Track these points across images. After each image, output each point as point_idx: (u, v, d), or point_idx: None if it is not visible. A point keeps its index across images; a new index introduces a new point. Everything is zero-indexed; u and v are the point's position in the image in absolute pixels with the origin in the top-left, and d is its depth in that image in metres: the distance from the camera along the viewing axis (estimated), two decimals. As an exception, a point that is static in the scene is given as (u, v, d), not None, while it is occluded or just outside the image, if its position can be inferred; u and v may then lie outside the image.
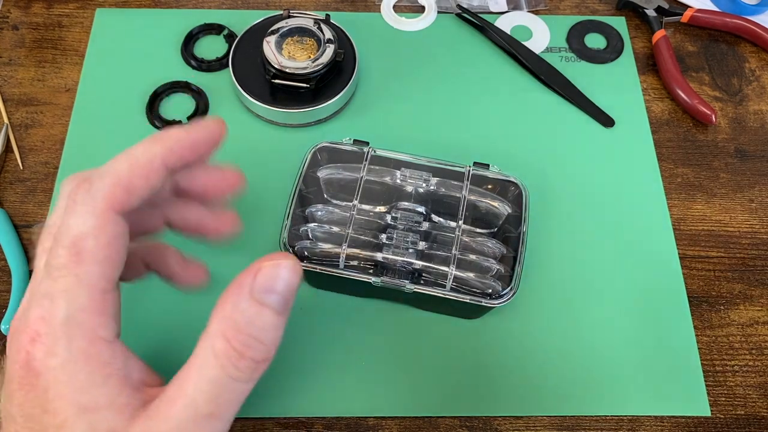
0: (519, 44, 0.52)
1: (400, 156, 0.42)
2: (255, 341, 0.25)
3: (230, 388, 0.25)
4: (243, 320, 0.25)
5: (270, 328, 0.25)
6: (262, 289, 0.26)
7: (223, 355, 0.25)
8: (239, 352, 0.25)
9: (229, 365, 0.25)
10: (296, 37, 0.47)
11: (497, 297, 0.38)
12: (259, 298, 0.25)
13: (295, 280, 0.26)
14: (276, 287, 0.26)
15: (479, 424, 0.39)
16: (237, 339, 0.25)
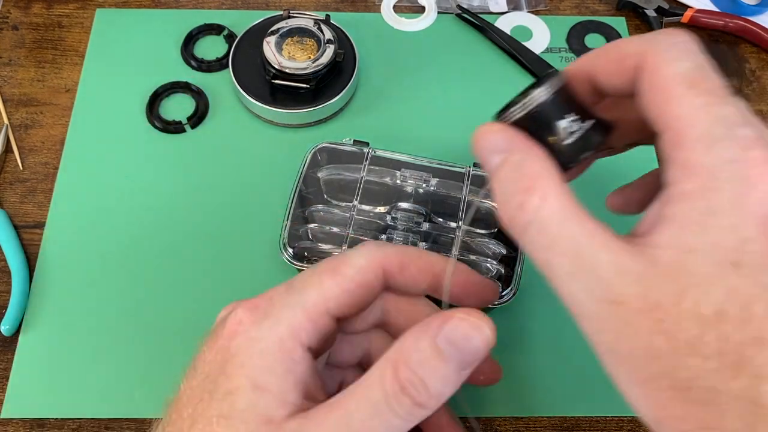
0: (519, 44, 0.52)
1: (400, 156, 0.42)
2: (420, 382, 0.24)
3: (387, 418, 0.24)
4: (416, 358, 0.25)
5: (438, 378, 0.24)
6: (445, 340, 0.25)
7: (389, 383, 0.25)
8: (402, 386, 0.24)
9: (391, 394, 0.24)
10: (296, 37, 0.47)
11: (497, 297, 0.38)
12: (439, 346, 0.25)
13: (480, 344, 0.25)
14: (456, 342, 0.25)
15: (479, 424, 0.38)
16: (403, 373, 0.24)
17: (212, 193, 0.45)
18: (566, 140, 0.24)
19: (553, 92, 0.25)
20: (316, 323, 0.26)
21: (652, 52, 0.23)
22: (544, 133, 0.25)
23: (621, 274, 0.21)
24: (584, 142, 0.25)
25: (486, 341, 0.25)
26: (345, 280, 0.27)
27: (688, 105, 0.22)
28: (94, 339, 0.40)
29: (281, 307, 0.27)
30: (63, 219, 0.44)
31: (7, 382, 0.38)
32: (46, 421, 0.38)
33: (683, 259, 0.21)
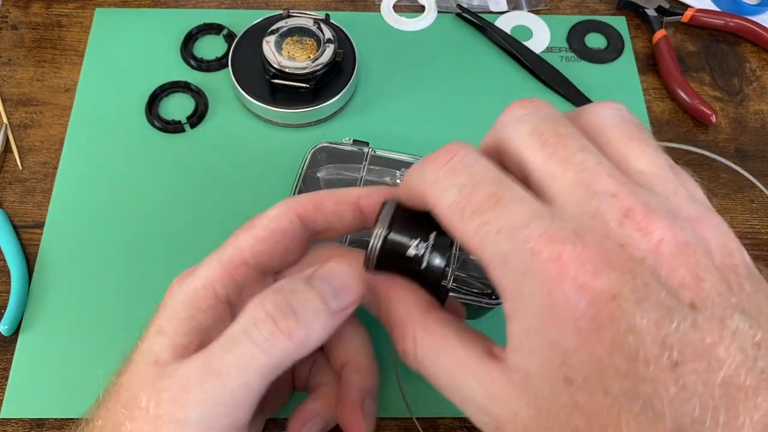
0: (519, 44, 0.52)
1: (400, 156, 0.41)
2: (287, 306, 0.24)
3: (241, 348, 0.24)
4: (287, 287, 0.25)
5: (308, 307, 0.25)
6: (318, 276, 0.26)
7: (249, 311, 0.25)
8: (266, 312, 0.24)
9: (251, 322, 0.24)
10: (296, 36, 0.47)
11: (497, 297, 0.38)
12: (313, 282, 0.25)
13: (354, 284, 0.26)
14: (331, 280, 0.25)
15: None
16: (270, 299, 0.25)
17: (212, 192, 0.45)
18: (423, 264, 0.25)
19: (386, 231, 0.26)
20: (233, 274, 0.27)
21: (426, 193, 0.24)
22: (405, 266, 0.26)
23: (492, 399, 0.22)
24: (438, 254, 0.26)
25: (359, 281, 0.26)
26: (258, 230, 0.28)
27: (466, 233, 0.22)
28: (93, 338, 0.40)
29: (201, 266, 0.28)
30: (62, 219, 0.43)
31: (7, 382, 0.38)
32: (45, 421, 0.38)
33: (527, 383, 0.20)
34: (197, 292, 0.27)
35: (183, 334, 0.26)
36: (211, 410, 0.24)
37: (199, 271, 0.28)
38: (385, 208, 0.27)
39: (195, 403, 0.24)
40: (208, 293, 0.27)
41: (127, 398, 0.25)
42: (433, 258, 0.26)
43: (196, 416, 0.24)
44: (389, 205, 0.27)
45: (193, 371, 0.25)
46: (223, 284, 0.27)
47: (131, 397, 0.25)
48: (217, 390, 0.24)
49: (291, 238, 0.29)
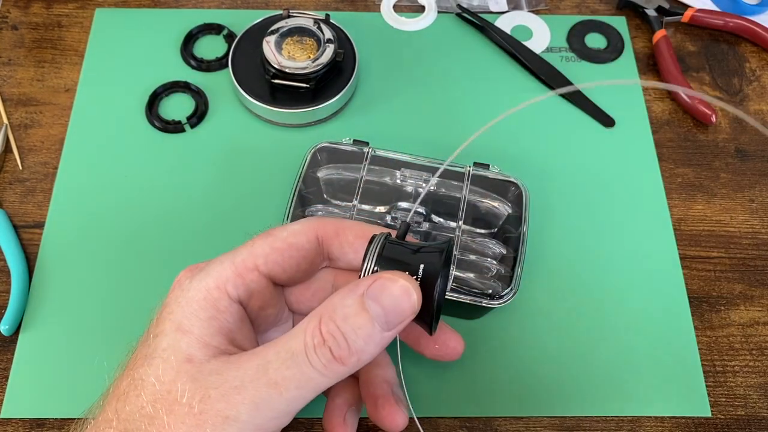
0: (519, 44, 0.52)
1: (400, 156, 0.41)
2: (340, 336, 0.25)
3: (302, 369, 0.25)
4: (341, 312, 0.26)
5: (360, 334, 0.25)
6: (370, 295, 0.26)
7: (309, 334, 0.25)
8: (323, 338, 0.25)
9: (311, 346, 0.25)
10: (296, 37, 0.47)
11: (497, 298, 0.38)
12: (365, 302, 0.26)
13: (407, 304, 0.26)
14: (383, 300, 0.26)
15: (479, 424, 0.38)
16: (326, 325, 0.25)
17: (212, 192, 0.45)
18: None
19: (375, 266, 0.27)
20: (244, 277, 0.28)
21: None
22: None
23: None
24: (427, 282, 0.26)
25: (411, 302, 0.26)
26: (276, 240, 0.29)
27: None
28: (93, 338, 0.40)
29: (214, 264, 0.28)
30: (62, 219, 0.43)
31: (7, 382, 0.38)
32: (45, 421, 0.38)
33: None
34: (211, 292, 0.27)
35: (211, 335, 0.27)
36: (262, 414, 0.25)
37: (211, 268, 0.28)
38: (373, 243, 0.27)
39: (247, 405, 0.25)
40: (222, 294, 0.28)
41: (158, 392, 0.25)
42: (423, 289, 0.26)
43: (247, 416, 0.25)
44: (377, 238, 0.27)
45: (248, 375, 0.25)
46: (235, 286, 0.28)
47: (164, 392, 0.25)
48: (273, 397, 0.25)
49: (305, 256, 0.29)
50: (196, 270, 0.29)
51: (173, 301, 0.28)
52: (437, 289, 0.27)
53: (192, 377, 0.25)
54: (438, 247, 0.28)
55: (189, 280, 0.28)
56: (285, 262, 0.29)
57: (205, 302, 0.27)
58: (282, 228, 0.30)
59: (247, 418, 0.25)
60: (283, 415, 0.26)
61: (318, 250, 0.30)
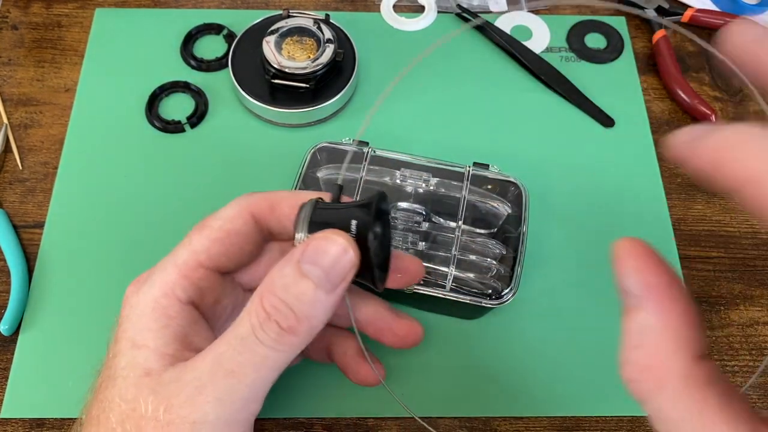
0: (519, 44, 0.52)
1: (400, 156, 0.41)
2: (284, 307, 0.25)
3: (254, 349, 0.25)
4: (280, 284, 0.25)
5: (305, 300, 0.25)
6: (306, 260, 0.25)
7: (254, 314, 0.25)
8: (267, 313, 0.25)
9: (257, 324, 0.25)
10: (296, 37, 0.47)
11: (497, 297, 0.38)
12: (302, 268, 0.25)
13: (344, 260, 0.25)
14: (320, 261, 0.25)
15: (479, 424, 0.38)
16: (268, 300, 0.25)
17: (212, 192, 0.45)
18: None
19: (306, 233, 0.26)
20: (190, 278, 0.28)
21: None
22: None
23: None
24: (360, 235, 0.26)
25: (348, 256, 0.25)
26: (212, 231, 0.28)
27: None
28: (93, 338, 0.39)
29: (157, 272, 0.28)
30: (62, 219, 0.43)
31: (7, 382, 0.38)
32: (45, 420, 0.38)
33: None
34: (159, 301, 0.27)
35: (165, 344, 0.26)
36: (228, 407, 0.25)
37: (155, 277, 0.28)
38: (302, 211, 0.27)
39: (211, 403, 0.25)
40: (171, 300, 0.27)
41: (125, 412, 0.25)
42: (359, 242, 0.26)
43: (214, 415, 0.25)
44: (307, 206, 0.27)
45: (205, 373, 0.25)
46: (183, 288, 0.28)
47: (130, 411, 0.25)
48: (234, 387, 0.25)
49: (245, 239, 0.29)
50: (141, 282, 0.28)
51: (125, 319, 0.27)
52: (371, 241, 0.26)
53: (152, 390, 0.25)
54: (366, 200, 0.27)
55: (135, 295, 0.28)
56: (227, 250, 0.28)
57: (155, 313, 0.27)
58: (214, 216, 0.29)
59: (214, 417, 0.24)
60: (250, 403, 0.25)
61: (256, 228, 0.29)
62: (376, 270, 0.27)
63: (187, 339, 0.27)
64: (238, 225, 0.29)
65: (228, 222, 0.29)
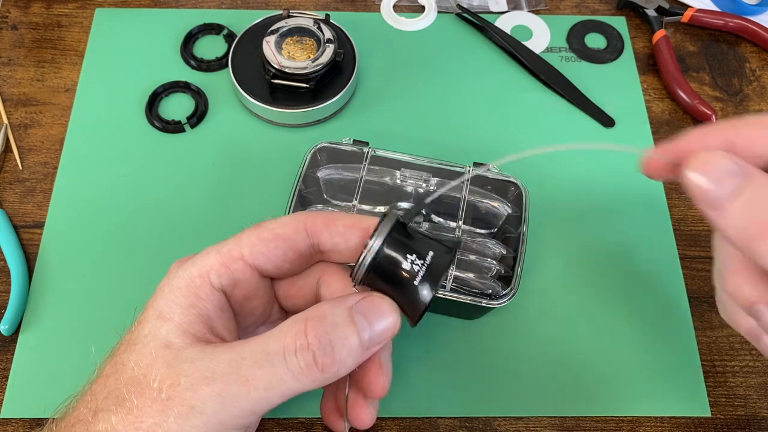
0: (519, 44, 0.52)
1: (400, 156, 0.41)
2: (327, 343, 0.25)
3: (276, 369, 0.25)
4: (330, 321, 0.26)
5: (345, 346, 0.25)
6: (360, 311, 0.26)
7: (293, 335, 0.25)
8: (308, 342, 0.25)
9: (291, 347, 0.25)
10: (296, 37, 0.47)
11: (497, 297, 0.38)
12: (354, 317, 0.26)
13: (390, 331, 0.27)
14: (372, 321, 0.26)
15: (479, 424, 0.38)
16: (314, 330, 0.25)
17: (212, 192, 0.45)
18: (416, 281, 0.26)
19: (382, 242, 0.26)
20: (229, 266, 0.28)
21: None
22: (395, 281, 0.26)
23: None
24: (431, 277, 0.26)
25: (395, 324, 0.26)
26: (263, 231, 0.29)
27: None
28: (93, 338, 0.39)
29: (201, 254, 0.29)
30: (62, 219, 0.43)
31: (7, 382, 0.38)
32: (45, 420, 0.37)
33: None
34: (194, 280, 0.28)
35: (189, 322, 0.27)
36: (227, 410, 0.25)
37: (197, 259, 0.29)
38: (384, 221, 0.27)
39: (214, 398, 0.25)
40: (204, 281, 0.28)
41: (134, 376, 0.26)
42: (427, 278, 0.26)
43: (212, 409, 0.25)
44: (389, 217, 0.27)
45: (219, 368, 0.25)
46: (219, 275, 0.28)
47: (140, 376, 0.26)
48: (240, 394, 0.25)
49: (292, 247, 0.29)
50: (185, 260, 0.29)
51: (159, 291, 0.28)
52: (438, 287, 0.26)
53: (167, 363, 0.26)
54: (450, 243, 0.28)
55: (176, 270, 0.29)
56: (271, 252, 0.29)
57: (187, 289, 0.28)
58: (272, 220, 0.30)
59: (211, 411, 0.25)
60: (247, 415, 0.26)
61: (306, 241, 0.30)
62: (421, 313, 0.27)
63: (211, 323, 0.28)
64: (289, 231, 0.29)
65: (280, 226, 0.29)
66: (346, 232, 0.29)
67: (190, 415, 0.25)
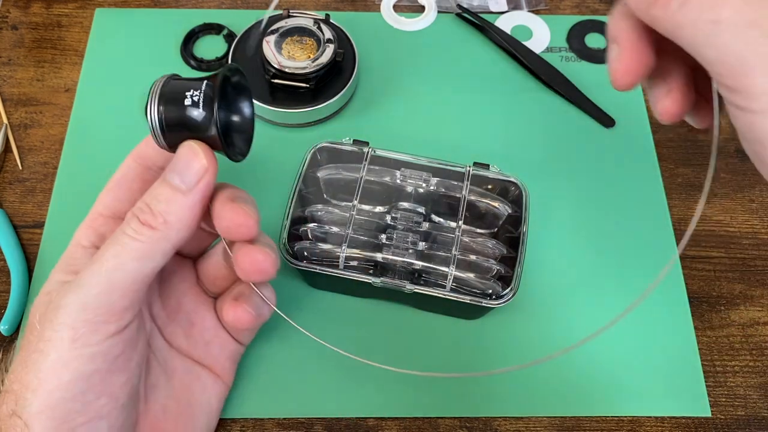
0: (519, 44, 0.52)
1: (400, 156, 0.41)
2: (145, 206, 0.29)
3: (118, 239, 0.29)
4: (147, 193, 0.30)
5: (161, 199, 0.29)
6: (169, 169, 0.29)
7: (126, 218, 0.30)
8: (134, 213, 0.29)
9: (126, 224, 0.29)
10: (296, 36, 0.47)
11: (497, 297, 0.38)
12: (165, 176, 0.29)
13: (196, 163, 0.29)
14: (176, 167, 0.29)
15: (479, 424, 0.38)
16: (137, 205, 0.30)
17: (212, 192, 0.45)
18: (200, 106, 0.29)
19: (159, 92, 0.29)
20: (92, 226, 0.32)
21: None
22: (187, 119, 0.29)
23: None
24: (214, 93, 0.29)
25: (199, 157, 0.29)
26: (107, 185, 0.33)
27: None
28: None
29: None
30: (62, 219, 0.43)
31: (7, 382, 0.38)
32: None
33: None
34: (69, 251, 0.32)
35: (65, 275, 0.30)
36: (85, 290, 0.28)
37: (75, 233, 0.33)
38: (154, 84, 0.29)
39: (74, 287, 0.28)
40: (76, 248, 0.32)
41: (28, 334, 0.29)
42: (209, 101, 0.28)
43: (73, 298, 0.28)
44: (159, 80, 0.29)
45: (79, 269, 0.29)
46: (86, 236, 0.32)
47: (31, 326, 0.29)
48: (93, 272, 0.28)
49: (133, 180, 0.33)
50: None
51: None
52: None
53: (46, 302, 0.29)
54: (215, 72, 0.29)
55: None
56: (119, 195, 0.33)
57: (65, 258, 0.32)
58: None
59: (73, 299, 0.28)
60: (109, 290, 0.28)
61: (141, 168, 0.33)
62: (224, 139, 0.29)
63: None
64: (124, 170, 0.33)
65: (117, 172, 0.33)
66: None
67: (57, 314, 0.28)
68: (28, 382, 0.27)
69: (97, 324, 0.28)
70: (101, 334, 0.28)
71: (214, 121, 0.28)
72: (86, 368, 0.27)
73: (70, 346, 0.27)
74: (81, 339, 0.27)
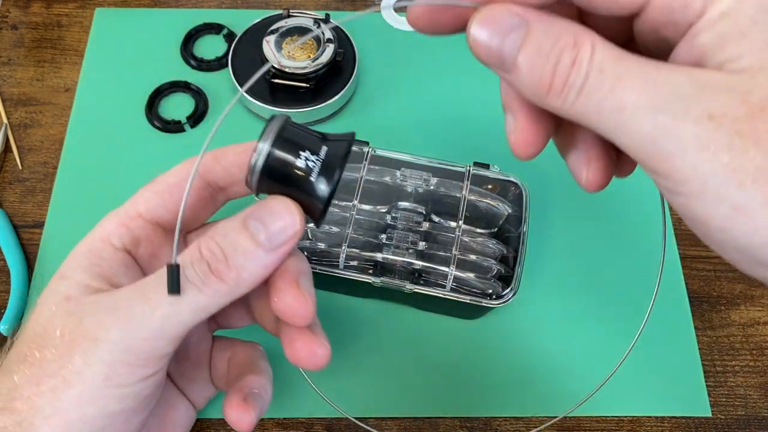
0: (519, 44, 0.52)
1: (400, 156, 0.41)
2: (219, 252, 0.25)
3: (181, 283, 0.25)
4: (221, 232, 0.25)
5: (239, 250, 0.25)
6: (254, 217, 0.25)
7: (188, 253, 0.25)
8: (201, 254, 0.25)
9: (188, 262, 0.25)
10: (296, 36, 0.47)
11: (497, 297, 0.38)
12: (248, 223, 0.25)
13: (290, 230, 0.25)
14: (267, 223, 0.25)
15: (479, 424, 0.38)
16: (206, 244, 0.25)
17: (212, 192, 0.45)
18: (312, 176, 0.25)
19: (271, 141, 0.25)
20: (128, 226, 0.29)
21: None
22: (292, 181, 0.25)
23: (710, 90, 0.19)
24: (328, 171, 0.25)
25: (293, 221, 0.25)
26: (156, 184, 0.29)
27: None
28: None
29: (102, 220, 0.29)
30: (62, 218, 0.43)
31: (7, 382, 0.38)
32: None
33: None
34: (95, 244, 0.28)
35: (90, 278, 0.27)
36: (133, 332, 0.24)
37: (98, 224, 0.29)
38: (271, 123, 0.26)
39: (118, 324, 0.25)
40: (105, 245, 0.28)
41: (36, 333, 0.26)
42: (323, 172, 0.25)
43: (116, 334, 0.24)
44: (277, 119, 0.26)
45: (123, 296, 0.25)
46: (119, 236, 0.28)
47: (41, 331, 0.26)
48: (144, 314, 0.24)
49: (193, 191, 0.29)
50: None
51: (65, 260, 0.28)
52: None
53: (68, 311, 0.26)
54: (341, 136, 0.27)
55: (82, 241, 0.29)
56: (167, 202, 0.29)
57: (89, 253, 0.28)
58: (165, 173, 0.30)
59: (116, 336, 0.24)
60: (157, 337, 0.25)
61: (202, 182, 0.29)
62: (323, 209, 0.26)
63: (116, 279, 0.27)
64: (181, 177, 0.29)
65: (172, 176, 0.29)
66: (239, 159, 0.29)
67: (94, 346, 0.24)
68: (40, 407, 0.24)
69: (136, 367, 0.25)
70: (137, 376, 0.25)
71: (329, 192, 0.26)
72: (114, 407, 0.25)
73: (103, 384, 0.25)
74: (115, 379, 0.25)
